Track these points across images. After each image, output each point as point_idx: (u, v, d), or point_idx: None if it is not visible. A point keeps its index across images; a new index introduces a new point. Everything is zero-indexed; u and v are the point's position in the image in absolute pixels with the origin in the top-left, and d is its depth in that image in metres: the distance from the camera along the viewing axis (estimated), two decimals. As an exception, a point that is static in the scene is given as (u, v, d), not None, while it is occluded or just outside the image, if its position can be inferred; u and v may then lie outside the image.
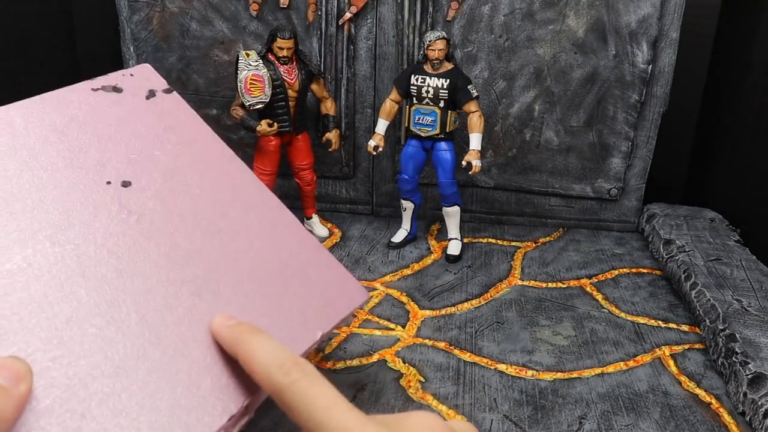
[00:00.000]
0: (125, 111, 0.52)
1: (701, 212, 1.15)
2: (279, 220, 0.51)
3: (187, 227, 0.46)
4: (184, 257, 0.45)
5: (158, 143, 0.51)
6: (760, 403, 0.67)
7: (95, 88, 0.51)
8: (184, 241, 0.46)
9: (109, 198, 0.46)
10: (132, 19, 1.11)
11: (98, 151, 0.48)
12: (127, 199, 0.46)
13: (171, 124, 0.52)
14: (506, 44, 1.08)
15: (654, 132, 1.12)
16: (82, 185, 0.46)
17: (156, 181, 0.48)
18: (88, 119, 0.50)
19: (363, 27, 1.09)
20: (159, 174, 0.49)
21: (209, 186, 0.50)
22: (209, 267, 0.45)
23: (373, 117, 1.13)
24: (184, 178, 0.49)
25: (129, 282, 0.42)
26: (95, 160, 0.48)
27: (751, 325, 0.77)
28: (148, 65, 0.56)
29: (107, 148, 0.49)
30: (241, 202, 0.50)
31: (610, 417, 0.69)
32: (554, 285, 0.97)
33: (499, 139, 1.13)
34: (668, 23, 1.05)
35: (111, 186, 0.46)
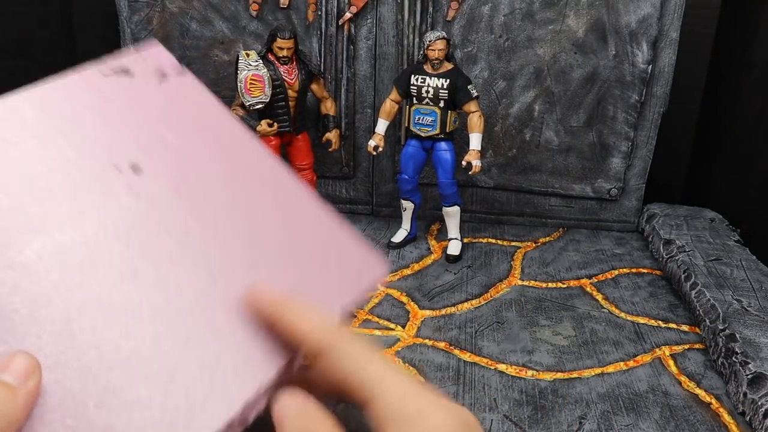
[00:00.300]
0: (135, 94, 0.51)
1: (701, 212, 1.15)
2: (294, 196, 0.50)
3: (199, 209, 0.46)
4: (197, 242, 0.45)
5: (169, 125, 0.50)
6: (760, 403, 0.67)
7: (104, 72, 0.51)
8: (195, 223, 0.45)
9: (118, 184, 0.46)
10: (132, 19, 1.11)
11: (108, 138, 0.48)
12: (137, 185, 0.46)
13: (182, 105, 0.52)
14: (506, 44, 1.08)
15: (654, 132, 1.12)
16: (92, 173, 0.46)
17: (168, 166, 0.48)
18: (98, 105, 0.49)
19: (363, 27, 1.09)
20: (171, 158, 0.48)
21: (221, 166, 0.49)
22: (223, 249, 0.45)
23: (373, 117, 1.13)
24: (197, 160, 0.49)
25: (140, 269, 0.42)
26: (105, 146, 0.48)
27: (751, 325, 0.77)
28: (160, 45, 0.55)
29: (117, 133, 0.48)
30: (255, 180, 0.50)
31: (610, 417, 0.69)
32: (554, 285, 0.97)
33: (499, 139, 1.13)
34: (668, 23, 1.05)
35: (122, 173, 0.46)
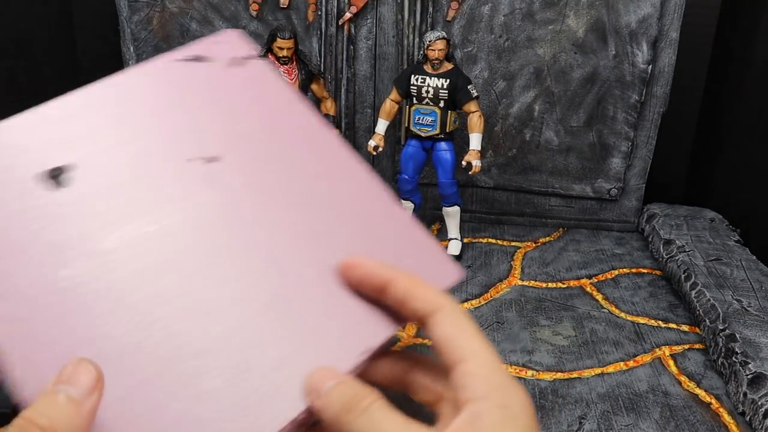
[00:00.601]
0: (211, 82, 0.51)
1: (701, 212, 1.15)
2: (369, 192, 0.50)
3: (274, 201, 0.46)
4: (270, 233, 0.44)
5: (245, 114, 0.50)
6: (760, 403, 0.67)
7: (180, 59, 0.51)
8: (270, 215, 0.45)
9: (197, 174, 0.46)
10: (132, 19, 1.11)
11: (186, 126, 0.48)
12: (214, 176, 0.46)
13: (257, 93, 0.51)
14: (506, 44, 1.08)
15: (654, 132, 1.12)
16: (170, 162, 0.46)
17: (242, 155, 0.48)
18: (176, 92, 0.49)
19: (363, 27, 1.09)
20: (245, 147, 0.48)
21: (297, 157, 0.49)
22: (296, 243, 0.44)
23: (373, 117, 1.13)
24: (270, 150, 0.48)
25: (215, 260, 0.42)
26: (183, 135, 0.47)
27: (751, 325, 0.77)
28: (238, 31, 0.55)
29: (194, 121, 0.48)
30: (330, 173, 0.49)
31: (610, 417, 0.69)
32: (554, 285, 0.97)
33: (499, 139, 1.13)
34: (668, 23, 1.05)
35: (198, 161, 0.46)
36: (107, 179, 0.43)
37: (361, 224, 0.47)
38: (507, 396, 0.31)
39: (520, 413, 0.31)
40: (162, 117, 0.48)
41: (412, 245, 0.48)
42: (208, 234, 0.42)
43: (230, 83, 0.51)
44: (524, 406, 0.32)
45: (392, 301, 0.38)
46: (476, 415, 0.30)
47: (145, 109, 0.48)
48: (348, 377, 0.35)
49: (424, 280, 0.41)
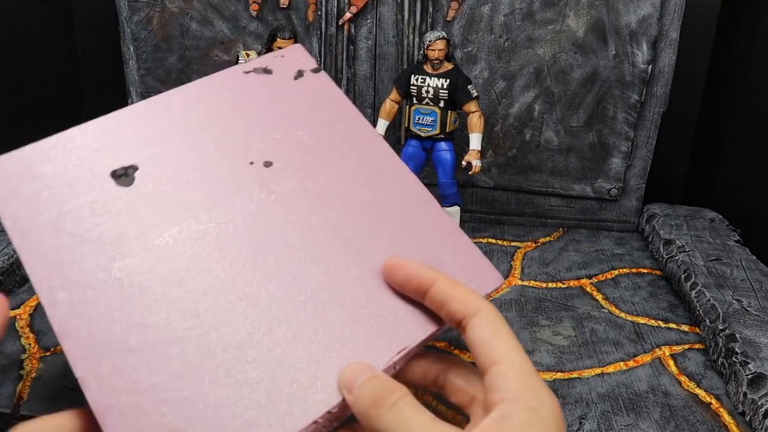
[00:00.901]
0: (273, 91, 0.53)
1: (701, 212, 1.15)
2: (416, 200, 0.51)
3: (323, 206, 0.48)
4: (316, 236, 0.46)
5: (302, 123, 0.52)
6: (760, 403, 0.67)
7: (247, 71, 0.53)
8: (318, 220, 0.47)
9: (251, 178, 0.48)
10: (132, 19, 1.11)
11: (245, 132, 0.50)
12: (267, 179, 0.48)
13: (316, 103, 0.53)
14: (506, 44, 1.08)
15: (654, 132, 1.12)
16: (227, 166, 0.48)
17: (297, 162, 0.50)
18: (238, 101, 0.52)
19: (363, 27, 1.09)
20: (300, 154, 0.50)
21: (348, 166, 0.51)
22: (341, 246, 0.46)
23: (373, 117, 1.13)
24: (323, 157, 0.50)
25: (262, 260, 0.44)
26: (241, 141, 0.50)
27: (751, 325, 0.77)
28: (300, 46, 0.58)
29: (253, 128, 0.51)
30: (379, 181, 0.51)
31: (610, 417, 0.69)
32: (554, 285, 0.97)
33: (499, 139, 1.13)
34: (668, 23, 1.05)
35: (253, 166, 0.49)
36: (167, 180, 0.46)
37: (406, 229, 0.49)
38: (536, 398, 0.31)
39: (548, 416, 0.31)
40: (223, 124, 0.50)
41: (455, 251, 0.49)
42: (257, 233, 0.45)
43: (292, 94, 0.53)
44: (553, 409, 0.32)
45: (432, 303, 0.39)
46: (505, 415, 0.31)
47: (208, 117, 0.50)
48: (380, 373, 0.35)
49: (466, 284, 0.42)
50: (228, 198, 0.45)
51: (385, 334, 0.42)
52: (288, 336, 0.40)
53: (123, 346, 0.37)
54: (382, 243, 0.47)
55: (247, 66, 0.54)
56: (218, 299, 0.40)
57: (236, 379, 0.37)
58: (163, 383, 0.36)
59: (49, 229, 0.41)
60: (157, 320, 0.38)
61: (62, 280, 0.39)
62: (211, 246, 0.42)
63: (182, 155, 0.47)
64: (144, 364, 0.36)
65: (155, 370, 0.36)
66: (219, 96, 0.51)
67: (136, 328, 0.38)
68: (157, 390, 0.36)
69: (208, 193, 0.45)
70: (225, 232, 0.43)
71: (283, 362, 0.38)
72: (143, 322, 0.38)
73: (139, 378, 0.36)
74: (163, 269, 0.41)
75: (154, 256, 0.41)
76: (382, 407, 0.32)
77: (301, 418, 0.37)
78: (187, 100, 0.51)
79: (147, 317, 0.38)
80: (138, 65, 1.14)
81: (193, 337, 0.38)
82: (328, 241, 0.46)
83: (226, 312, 0.40)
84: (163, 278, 0.40)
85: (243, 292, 0.41)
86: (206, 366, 0.37)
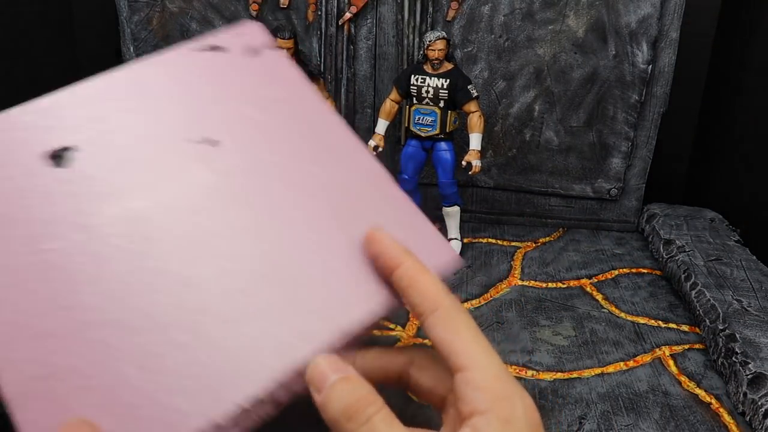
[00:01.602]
0: (223, 69, 0.52)
1: (701, 212, 1.15)
2: (371, 178, 0.50)
3: (273, 186, 0.47)
4: (266, 216, 0.45)
5: (252, 101, 0.51)
6: (760, 403, 0.67)
7: (197, 48, 0.52)
8: (268, 199, 0.46)
9: (196, 157, 0.47)
10: (132, 19, 1.11)
11: (191, 111, 0.49)
12: (213, 159, 0.47)
13: (268, 81, 0.52)
14: (506, 44, 1.08)
15: (654, 132, 1.12)
16: (171, 145, 0.47)
17: (246, 140, 0.49)
18: (186, 79, 0.51)
19: (363, 27, 1.09)
20: (250, 132, 0.49)
21: (300, 144, 0.50)
22: (289, 226, 0.45)
23: (373, 117, 1.13)
24: (275, 135, 0.50)
25: (210, 242, 0.43)
26: (188, 119, 0.49)
27: (751, 325, 0.77)
28: (254, 22, 0.56)
29: (201, 106, 0.50)
30: (333, 159, 0.50)
31: (610, 417, 0.69)
32: (554, 285, 0.97)
33: (499, 139, 1.13)
34: (668, 23, 1.05)
35: (200, 145, 0.47)
36: (106, 160, 0.44)
37: (360, 208, 0.47)
38: (510, 408, 0.30)
39: (524, 427, 0.29)
40: (169, 103, 0.49)
41: (413, 230, 0.48)
42: (198, 214, 0.43)
43: (244, 71, 0.52)
44: (528, 415, 0.30)
45: (396, 287, 0.37)
46: (477, 429, 0.29)
47: (154, 95, 0.49)
48: (354, 374, 0.34)
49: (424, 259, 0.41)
50: (170, 177, 0.44)
51: (331, 318, 0.40)
52: (220, 319, 0.38)
53: (43, 330, 0.36)
54: (332, 223, 0.46)
55: (197, 43, 0.53)
56: (150, 281, 0.39)
57: (162, 364, 0.36)
58: (83, 369, 0.35)
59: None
60: (83, 303, 0.37)
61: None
62: (148, 227, 0.41)
63: (124, 135, 0.45)
64: (63, 349, 0.35)
65: (75, 355, 0.35)
66: (166, 73, 0.50)
67: (59, 312, 0.37)
68: (76, 376, 0.34)
69: (149, 173, 0.43)
70: (164, 212, 0.42)
71: (213, 346, 0.37)
72: (67, 304, 0.37)
73: (57, 363, 0.35)
74: (94, 250, 0.39)
75: (86, 236, 0.40)
76: (354, 421, 0.30)
77: (228, 404, 0.36)
78: (132, 78, 0.49)
79: (71, 300, 0.37)
80: (138, 65, 1.14)
81: (120, 320, 0.37)
82: (279, 220, 0.44)
83: (157, 294, 0.38)
84: (93, 260, 0.39)
85: (178, 275, 0.39)
86: (131, 350, 0.36)
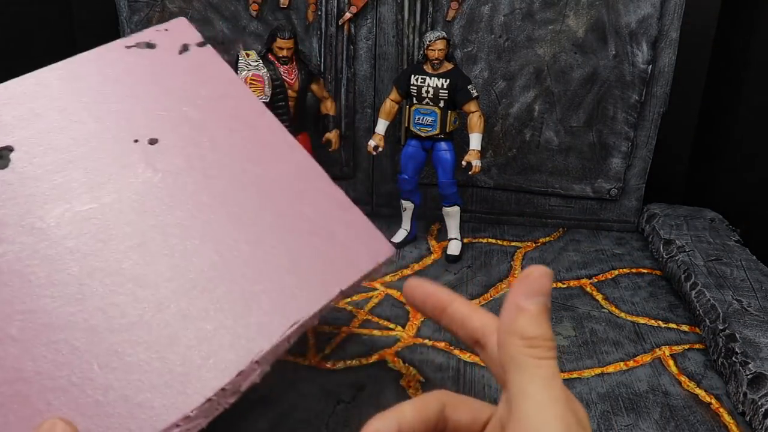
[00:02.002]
0: (157, 67, 0.52)
1: (701, 212, 1.15)
2: (306, 175, 0.51)
3: (211, 183, 0.47)
4: (206, 214, 0.45)
5: (188, 99, 0.51)
6: (760, 403, 0.67)
7: (129, 45, 0.52)
8: (207, 197, 0.46)
9: (136, 156, 0.47)
10: (132, 19, 1.11)
11: (128, 109, 0.49)
12: (153, 157, 0.47)
13: (202, 79, 0.52)
14: (506, 44, 1.08)
15: (654, 132, 1.12)
16: (110, 144, 0.47)
17: (183, 138, 0.49)
18: (121, 77, 0.50)
19: (363, 27, 1.09)
20: (186, 130, 0.49)
21: (237, 141, 0.50)
22: (231, 224, 0.45)
23: (373, 117, 1.13)
24: (211, 133, 0.50)
25: (150, 239, 0.43)
26: (125, 118, 0.49)
27: (751, 325, 0.77)
28: (184, 19, 0.56)
29: (137, 105, 0.49)
30: (269, 157, 0.50)
31: (610, 417, 0.69)
32: (554, 285, 0.97)
33: (499, 139, 1.13)
34: (668, 23, 1.05)
35: (138, 144, 0.47)
36: (47, 160, 0.44)
37: (296, 204, 0.48)
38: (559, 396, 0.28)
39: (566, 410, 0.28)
40: (105, 101, 0.48)
41: (347, 223, 0.49)
42: (144, 213, 0.43)
43: (177, 69, 0.52)
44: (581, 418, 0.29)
45: (449, 320, 0.39)
46: None
47: (89, 93, 0.48)
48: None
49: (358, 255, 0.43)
50: (113, 177, 0.44)
51: (278, 310, 0.41)
52: (178, 315, 0.39)
53: (4, 335, 0.36)
54: (272, 218, 0.46)
55: (129, 40, 0.52)
56: (105, 281, 0.39)
57: (126, 362, 0.36)
58: (49, 371, 0.35)
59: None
60: (42, 306, 0.37)
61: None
62: (96, 227, 0.41)
63: (62, 134, 0.45)
64: (27, 353, 0.35)
65: (40, 357, 0.35)
66: (100, 72, 0.50)
67: (19, 316, 0.36)
68: (43, 378, 0.35)
69: (91, 173, 0.43)
70: (110, 212, 0.42)
71: (174, 342, 0.38)
72: (26, 308, 0.37)
73: (23, 367, 0.35)
74: (45, 253, 0.39)
75: (36, 239, 0.39)
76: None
77: (194, 396, 0.36)
78: (66, 76, 0.49)
79: (30, 303, 0.37)
80: (138, 65, 1.14)
81: (80, 321, 0.37)
82: (217, 218, 0.45)
83: (113, 294, 0.39)
84: (46, 262, 0.39)
85: (131, 274, 0.40)
86: (94, 350, 0.36)
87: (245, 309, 0.41)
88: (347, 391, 0.70)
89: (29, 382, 0.34)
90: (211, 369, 0.38)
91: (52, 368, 0.35)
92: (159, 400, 0.36)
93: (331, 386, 0.70)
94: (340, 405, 0.67)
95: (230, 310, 0.41)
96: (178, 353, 0.38)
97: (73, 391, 0.35)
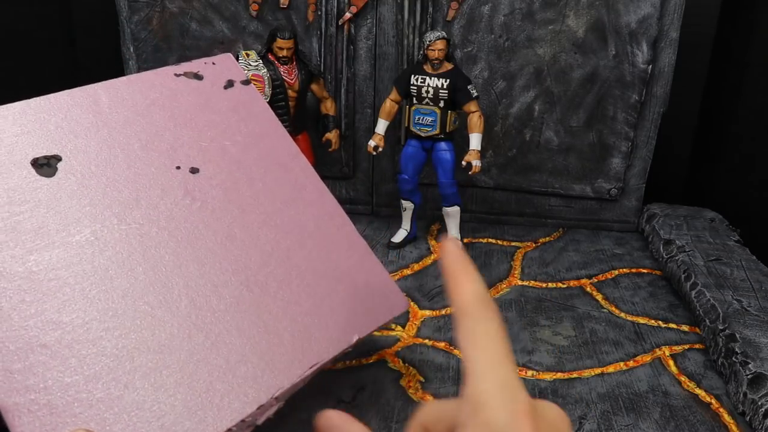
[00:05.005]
0: (203, 98, 0.53)
1: (701, 212, 1.15)
2: (334, 222, 0.53)
3: (246, 219, 0.48)
4: (238, 248, 0.46)
5: (230, 133, 0.52)
6: (760, 403, 0.67)
7: (178, 74, 0.53)
8: (240, 232, 0.48)
9: (176, 183, 0.48)
10: (132, 19, 1.11)
11: (173, 136, 0.50)
12: (193, 186, 0.48)
13: (244, 116, 0.54)
14: (506, 44, 1.08)
15: (654, 132, 1.12)
16: (153, 168, 0.48)
17: (222, 171, 0.50)
18: (167, 103, 0.51)
19: (363, 27, 1.09)
20: (226, 164, 0.50)
21: (272, 181, 0.51)
22: (261, 260, 0.47)
23: (373, 117, 1.13)
24: (249, 170, 0.51)
25: (184, 266, 0.44)
26: (169, 144, 0.50)
27: (751, 325, 0.77)
28: (230, 55, 0.58)
29: (182, 133, 0.50)
30: (301, 200, 0.52)
31: (610, 417, 0.69)
32: (554, 285, 0.97)
33: (499, 139, 1.13)
34: (668, 23, 1.05)
35: (180, 171, 0.48)
36: (91, 174, 0.45)
37: (323, 249, 0.50)
38: None
39: None
40: (151, 124, 0.50)
41: (368, 274, 0.51)
42: (180, 239, 0.45)
43: (221, 103, 0.53)
44: None
45: None
46: None
47: (136, 114, 0.49)
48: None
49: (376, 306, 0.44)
50: (152, 200, 0.45)
51: (299, 350, 0.42)
52: (207, 344, 0.40)
53: (36, 342, 0.36)
54: (300, 261, 0.48)
55: (178, 68, 0.54)
56: (138, 302, 0.40)
57: (153, 384, 0.37)
58: (78, 383, 0.35)
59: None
60: (74, 318, 0.38)
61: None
62: (132, 247, 0.42)
63: (107, 150, 0.45)
64: (59, 363, 0.36)
65: (70, 369, 0.36)
66: (148, 95, 0.51)
67: (52, 325, 0.37)
68: (71, 390, 0.35)
69: (132, 193, 0.44)
70: (148, 234, 0.43)
71: (200, 369, 0.39)
72: (59, 319, 0.37)
73: (53, 377, 0.35)
74: (82, 267, 0.40)
75: (74, 252, 0.40)
76: None
77: (215, 425, 0.37)
78: (115, 95, 0.50)
79: (63, 315, 0.38)
80: (138, 65, 1.14)
81: (111, 338, 0.38)
82: (249, 253, 0.46)
83: (145, 315, 0.39)
84: (81, 276, 0.39)
85: (163, 297, 0.41)
86: (123, 368, 0.37)
87: (269, 345, 0.42)
88: (347, 391, 0.70)
89: (58, 392, 0.35)
90: (233, 400, 0.39)
91: (81, 381, 0.36)
92: (181, 425, 0.37)
93: (331, 386, 0.70)
94: (340, 405, 0.67)
95: (255, 345, 0.42)
96: (203, 381, 0.39)
97: (99, 406, 0.36)
